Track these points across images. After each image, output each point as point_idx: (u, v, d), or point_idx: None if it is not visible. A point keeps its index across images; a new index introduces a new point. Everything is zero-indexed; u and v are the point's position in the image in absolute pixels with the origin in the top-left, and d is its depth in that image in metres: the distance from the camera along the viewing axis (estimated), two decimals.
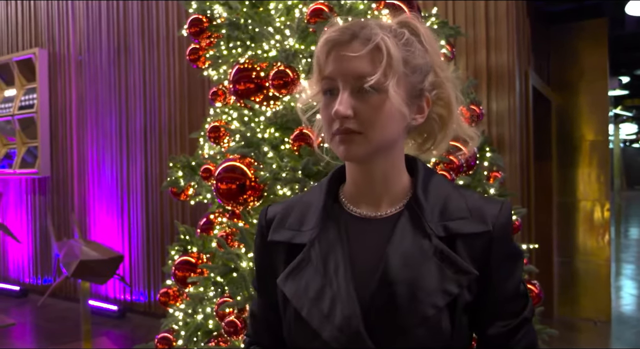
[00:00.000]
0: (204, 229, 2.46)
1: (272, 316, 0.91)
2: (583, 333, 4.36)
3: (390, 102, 0.76)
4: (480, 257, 0.80)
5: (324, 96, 0.80)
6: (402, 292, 0.76)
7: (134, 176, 4.99)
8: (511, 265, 0.83)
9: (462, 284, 0.77)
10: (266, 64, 2.18)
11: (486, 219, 0.81)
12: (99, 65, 5.26)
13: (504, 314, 0.83)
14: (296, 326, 0.81)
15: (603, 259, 4.67)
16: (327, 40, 0.79)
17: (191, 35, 2.50)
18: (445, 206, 0.82)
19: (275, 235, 0.88)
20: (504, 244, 0.82)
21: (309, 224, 0.85)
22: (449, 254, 0.78)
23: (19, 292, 5.84)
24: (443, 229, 0.79)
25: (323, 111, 0.81)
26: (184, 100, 4.68)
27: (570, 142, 4.77)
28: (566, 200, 4.81)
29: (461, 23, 3.59)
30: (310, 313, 0.79)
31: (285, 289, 0.82)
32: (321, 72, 0.80)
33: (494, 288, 0.81)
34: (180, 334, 2.27)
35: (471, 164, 2.33)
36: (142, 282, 4.93)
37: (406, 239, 0.80)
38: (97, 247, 3.88)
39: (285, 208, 0.91)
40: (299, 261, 0.83)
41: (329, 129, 0.79)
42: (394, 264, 0.78)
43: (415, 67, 0.80)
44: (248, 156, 2.04)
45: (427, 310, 0.75)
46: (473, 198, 0.84)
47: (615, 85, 7.55)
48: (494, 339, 0.83)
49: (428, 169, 0.87)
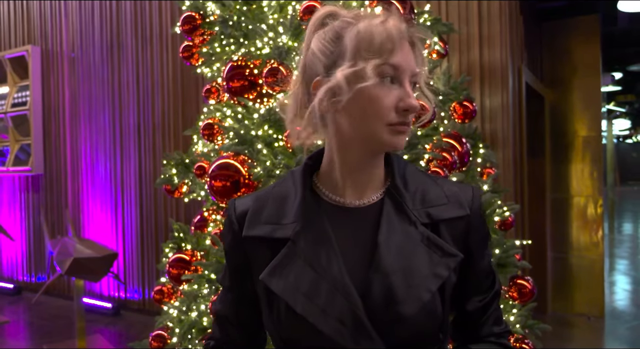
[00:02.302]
0: (198, 227, 2.46)
1: (245, 313, 0.90)
2: (576, 329, 4.39)
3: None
4: (461, 239, 0.85)
5: (381, 79, 0.77)
6: (398, 281, 0.77)
7: (127, 173, 4.97)
8: (486, 244, 0.90)
9: (450, 266, 0.80)
10: (259, 61, 2.18)
11: (463, 203, 0.85)
12: (91, 63, 5.23)
13: (480, 290, 0.89)
14: (289, 322, 0.80)
15: (597, 255, 4.71)
16: (396, 28, 0.79)
17: (184, 32, 2.49)
18: (424, 193, 0.85)
19: (251, 230, 0.85)
20: (480, 225, 0.88)
21: (289, 217, 0.83)
22: (435, 240, 0.81)
23: (13, 290, 5.82)
24: (426, 215, 0.83)
25: (379, 96, 0.77)
26: (178, 97, 4.67)
27: (563, 138, 4.80)
28: (559, 196, 4.84)
29: (454, 20, 3.59)
30: (306, 308, 0.77)
31: (272, 285, 0.80)
32: (387, 56, 0.77)
33: (473, 267, 0.87)
34: (175, 331, 2.27)
35: (464, 161, 2.34)
36: (136, 279, 4.93)
37: (394, 228, 0.81)
38: (91, 245, 3.87)
39: (257, 201, 0.88)
40: (283, 256, 0.81)
41: (383, 118, 0.78)
42: (386, 253, 0.79)
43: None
44: (242, 153, 2.04)
45: (423, 295, 0.77)
46: (447, 184, 0.88)
47: (608, 81, 7.59)
48: (472, 315, 0.89)
49: (400, 159, 0.90)
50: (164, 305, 2.46)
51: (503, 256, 2.31)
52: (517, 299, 2.37)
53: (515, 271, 2.38)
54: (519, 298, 2.36)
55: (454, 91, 2.56)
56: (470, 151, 2.39)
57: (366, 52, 0.77)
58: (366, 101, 0.78)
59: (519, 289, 2.36)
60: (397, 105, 0.78)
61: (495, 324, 0.90)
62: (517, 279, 2.37)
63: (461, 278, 0.85)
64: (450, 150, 2.21)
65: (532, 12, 4.40)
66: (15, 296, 5.76)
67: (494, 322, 0.90)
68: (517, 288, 2.36)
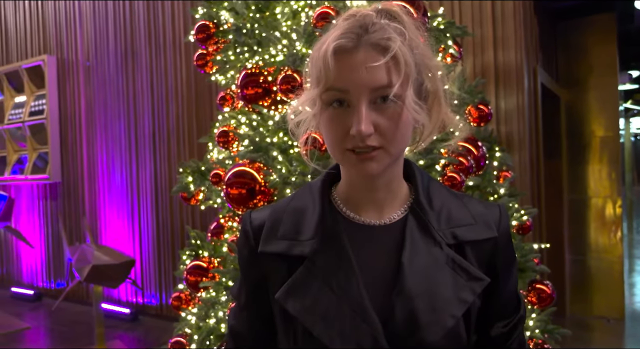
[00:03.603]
0: (214, 234, 2.47)
1: (261, 331, 0.86)
2: (596, 331, 4.33)
3: (407, 110, 0.72)
4: (487, 262, 0.80)
5: (329, 107, 0.73)
6: (422, 305, 0.74)
7: (143, 181, 5.02)
8: (512, 267, 0.85)
9: (476, 291, 0.76)
10: (273, 68, 2.19)
11: (491, 225, 0.81)
12: (106, 71, 5.30)
13: (504, 315, 0.84)
14: (306, 345, 0.76)
15: (616, 256, 4.63)
16: (335, 47, 0.71)
17: (198, 41, 2.51)
18: (449, 212, 0.80)
19: (267, 246, 0.80)
20: (507, 247, 0.83)
21: (307, 233, 0.79)
22: (461, 262, 0.77)
23: (33, 296, 5.90)
24: (452, 236, 0.78)
25: (330, 126, 0.73)
26: (192, 104, 4.70)
27: (580, 138, 4.74)
28: (577, 197, 4.78)
29: (468, 22, 3.57)
30: (324, 331, 0.74)
31: (289, 306, 0.76)
32: (327, 81, 0.72)
33: (498, 291, 0.82)
34: (193, 338, 2.28)
35: (481, 164, 2.32)
36: (153, 285, 4.96)
37: (418, 249, 0.77)
38: (109, 252, 3.91)
39: (273, 215, 0.83)
40: (301, 275, 0.77)
41: (340, 145, 0.73)
42: (411, 276, 0.75)
43: (418, 66, 0.75)
44: (257, 161, 2.05)
45: (447, 321, 0.74)
46: (473, 203, 0.83)
47: (625, 79, 7.48)
48: (495, 340, 0.84)
49: (424, 173, 0.85)
50: (182, 312, 2.47)
51: (522, 260, 2.29)
52: (536, 304, 2.34)
53: (534, 276, 2.36)
54: (538, 302, 2.33)
55: (469, 95, 2.55)
56: (486, 155, 2.37)
57: (313, 78, 0.75)
58: (323, 128, 0.76)
59: (538, 294, 2.33)
60: (349, 131, 0.71)
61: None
62: (536, 284, 2.35)
63: (485, 302, 0.80)
64: (466, 154, 2.19)
65: (547, 12, 4.35)
66: (35, 302, 5.84)
67: (518, 347, 0.86)
68: (536, 292, 2.33)
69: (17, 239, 5.38)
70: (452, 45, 2.38)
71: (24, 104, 5.98)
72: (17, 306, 5.69)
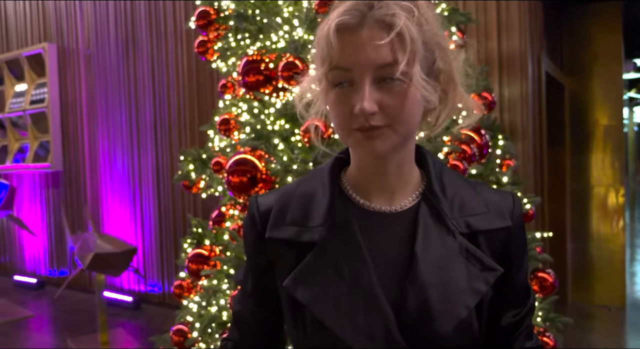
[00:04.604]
0: (216, 222, 2.47)
1: (266, 319, 0.85)
2: (597, 320, 4.33)
3: (415, 88, 0.69)
4: (500, 252, 0.78)
5: (335, 87, 0.72)
6: (436, 295, 0.72)
7: (145, 169, 5.01)
8: (524, 256, 0.83)
9: (489, 281, 0.75)
10: (275, 55, 2.17)
11: (504, 214, 0.79)
12: (107, 59, 5.27)
13: (515, 305, 0.82)
14: (315, 333, 0.74)
15: (618, 246, 4.63)
16: (338, 25, 0.69)
17: (199, 27, 2.49)
18: (463, 200, 0.78)
19: (275, 232, 0.78)
20: (520, 237, 0.81)
21: (316, 219, 0.77)
22: (475, 252, 0.75)
23: (36, 284, 5.93)
24: (465, 225, 0.76)
25: (336, 105, 0.72)
26: (193, 92, 4.68)
27: (583, 127, 4.71)
28: (580, 186, 4.76)
29: (472, 9, 3.53)
30: (334, 321, 0.72)
31: (297, 294, 0.74)
32: (331, 61, 0.70)
33: (511, 281, 0.80)
34: (195, 326, 2.29)
35: (484, 153, 2.30)
36: (155, 273, 4.98)
37: (432, 238, 0.75)
38: (111, 240, 3.91)
39: (281, 200, 0.81)
40: (310, 262, 0.75)
41: (347, 125, 0.71)
42: (424, 265, 0.73)
43: (427, 44, 0.71)
44: (259, 149, 2.04)
45: (460, 312, 0.72)
46: (485, 191, 0.80)
47: (629, 68, 7.42)
48: (504, 330, 0.82)
49: (437, 160, 0.83)
50: (183, 300, 2.48)
51: None
52: (539, 293, 2.34)
53: (537, 264, 2.35)
54: (540, 291, 2.33)
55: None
56: (489, 143, 2.36)
57: (318, 57, 0.74)
58: (330, 108, 0.75)
59: (540, 282, 2.32)
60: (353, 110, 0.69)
61: (527, 340, 0.84)
62: (538, 273, 2.34)
63: (497, 292, 0.78)
64: (469, 142, 2.18)
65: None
66: (38, 290, 5.86)
67: (526, 337, 0.84)
68: (538, 281, 2.33)
69: (20, 227, 5.39)
70: (455, 33, 2.35)
71: (25, 92, 5.96)
72: (20, 294, 5.72)
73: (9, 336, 4.35)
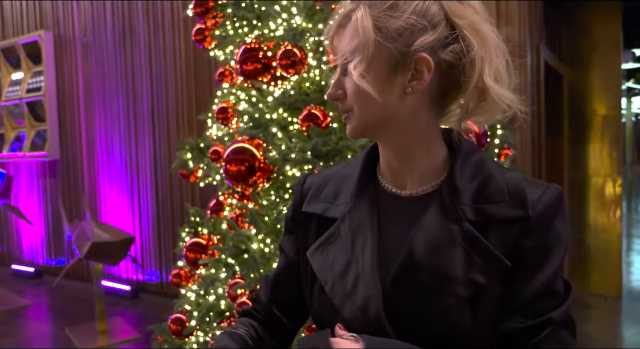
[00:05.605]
0: (214, 211, 2.47)
1: (284, 278, 0.92)
2: (593, 309, 4.36)
3: (353, 76, 0.74)
4: (512, 244, 0.72)
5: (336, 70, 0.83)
6: (425, 278, 0.72)
7: (142, 158, 5.00)
8: (546, 257, 0.72)
9: (492, 274, 0.70)
10: (273, 43, 2.15)
11: (525, 203, 0.72)
12: (104, 47, 5.23)
13: (525, 310, 0.72)
14: (320, 300, 0.81)
15: (614, 235, 4.65)
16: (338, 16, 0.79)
17: (196, 15, 2.46)
18: (483, 187, 0.74)
19: (309, 206, 0.87)
20: (544, 232, 0.72)
21: (343, 198, 0.84)
22: (479, 241, 0.71)
23: (34, 273, 5.93)
24: (476, 212, 0.72)
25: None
26: (191, 81, 4.65)
27: (582, 117, 4.70)
28: (578, 176, 4.77)
29: None
30: (333, 289, 0.78)
31: (313, 262, 0.82)
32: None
33: (522, 280, 0.72)
34: (193, 314, 2.30)
35: (482, 142, 2.30)
36: (153, 262, 4.99)
37: (433, 222, 0.74)
38: (109, 229, 3.91)
39: (323, 179, 0.89)
40: (328, 235, 0.82)
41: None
42: (417, 248, 0.74)
43: (397, 30, 0.71)
44: (257, 137, 2.03)
45: (448, 299, 0.71)
46: (516, 179, 0.74)
47: (628, 58, 7.41)
48: (510, 336, 0.72)
49: (470, 146, 0.79)
50: (181, 289, 2.48)
51: None
52: None
53: None
54: None
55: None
56: (487, 132, 2.35)
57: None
58: None
59: None
60: None
61: None
62: None
63: (506, 291, 0.72)
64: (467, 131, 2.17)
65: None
66: (36, 279, 5.87)
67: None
68: None
69: (17, 216, 5.38)
70: None
71: (22, 81, 5.92)
72: (18, 283, 5.72)
73: (7, 324, 4.36)
